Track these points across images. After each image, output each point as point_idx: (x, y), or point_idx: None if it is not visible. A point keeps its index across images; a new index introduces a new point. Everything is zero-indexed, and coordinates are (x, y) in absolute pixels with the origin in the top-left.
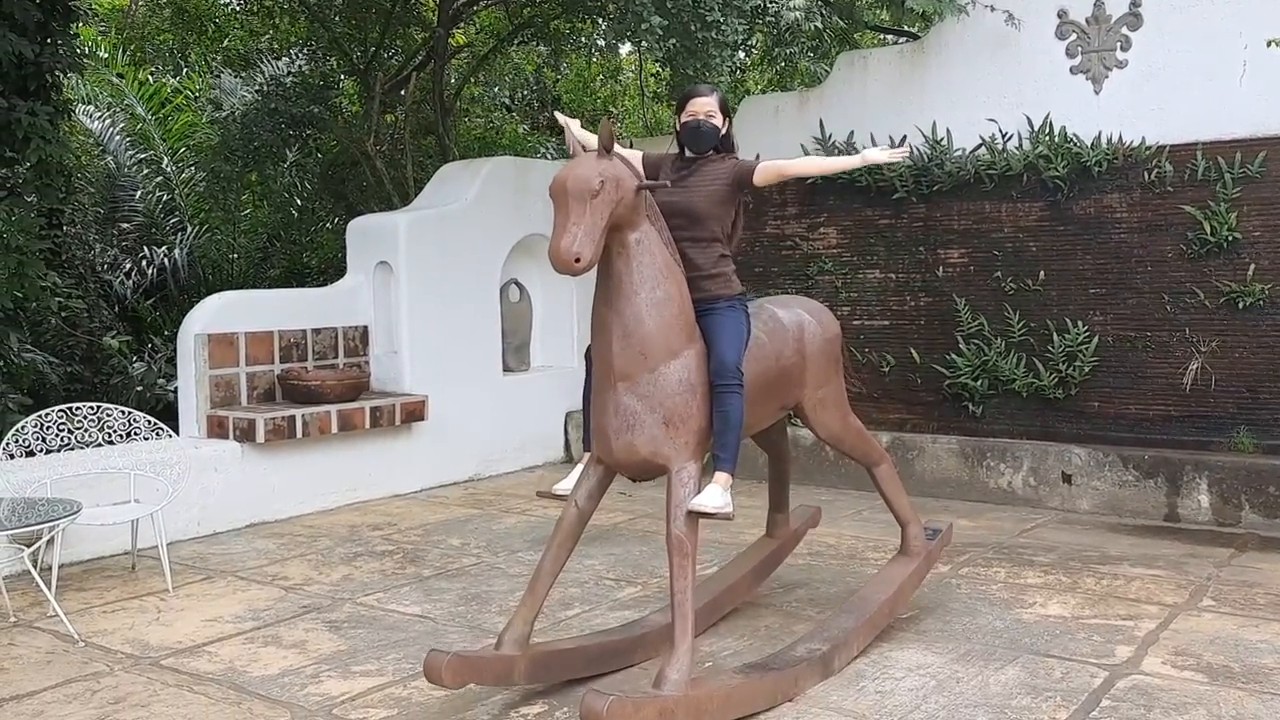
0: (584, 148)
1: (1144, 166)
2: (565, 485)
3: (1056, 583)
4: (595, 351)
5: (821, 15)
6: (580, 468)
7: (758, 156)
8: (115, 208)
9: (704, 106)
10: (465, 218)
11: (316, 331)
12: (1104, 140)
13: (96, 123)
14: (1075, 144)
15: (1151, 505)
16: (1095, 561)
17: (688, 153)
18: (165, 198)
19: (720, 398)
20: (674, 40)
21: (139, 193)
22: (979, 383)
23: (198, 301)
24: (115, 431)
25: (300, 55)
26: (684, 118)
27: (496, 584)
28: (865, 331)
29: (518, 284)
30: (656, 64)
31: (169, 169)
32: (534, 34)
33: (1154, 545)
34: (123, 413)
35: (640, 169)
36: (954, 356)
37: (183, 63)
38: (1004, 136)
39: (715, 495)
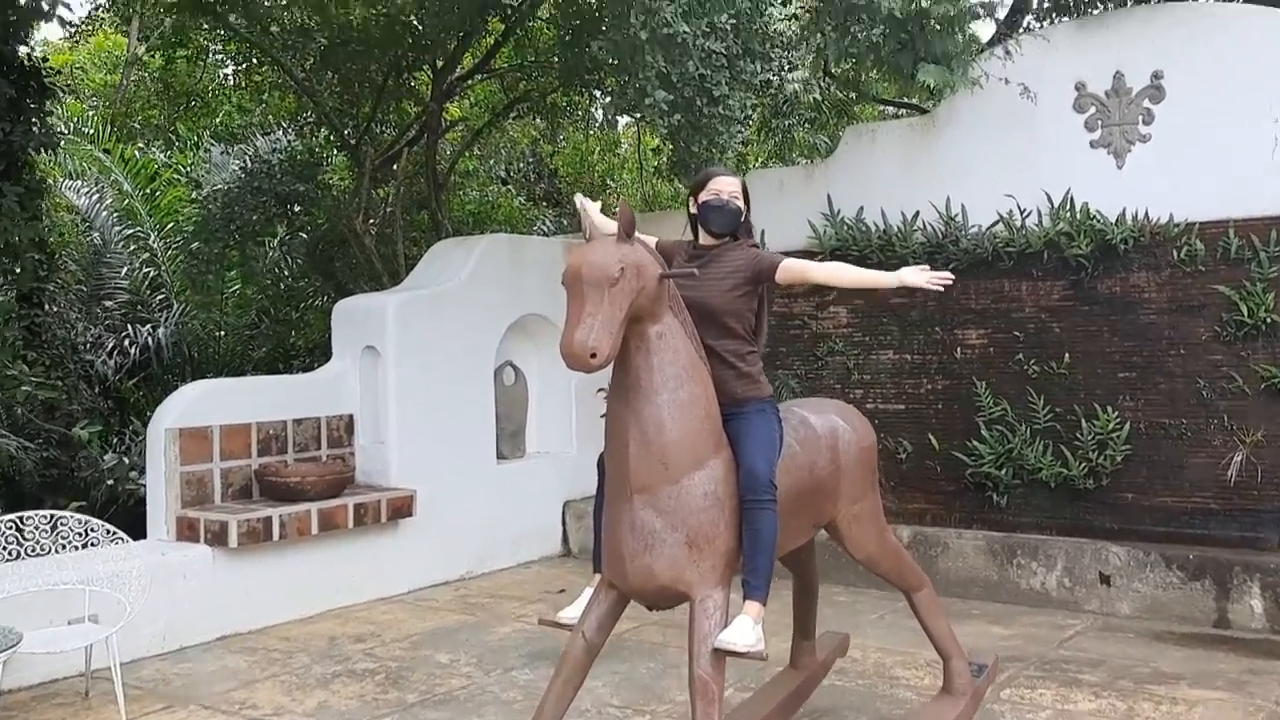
0: (593, 234)
1: (1172, 244)
2: (571, 613)
3: (1111, 709)
4: (609, 459)
5: (820, 87)
6: (589, 592)
7: (762, 234)
8: (100, 285)
9: (728, 186)
10: (458, 298)
11: (298, 422)
12: (1129, 217)
13: (83, 198)
14: (1099, 220)
15: (1199, 610)
16: (1148, 680)
17: (702, 238)
18: (152, 274)
19: (751, 515)
20: (679, 116)
21: (125, 269)
22: (1003, 472)
23: (182, 381)
24: (71, 542)
25: (290, 130)
26: (704, 195)
27: (488, 713)
28: (880, 416)
29: (513, 366)
30: (659, 139)
31: (156, 245)
32: (530, 107)
33: (1209, 659)
34: (79, 521)
35: (659, 257)
36: (975, 443)
37: (174, 137)
38: (1022, 212)
39: (746, 630)
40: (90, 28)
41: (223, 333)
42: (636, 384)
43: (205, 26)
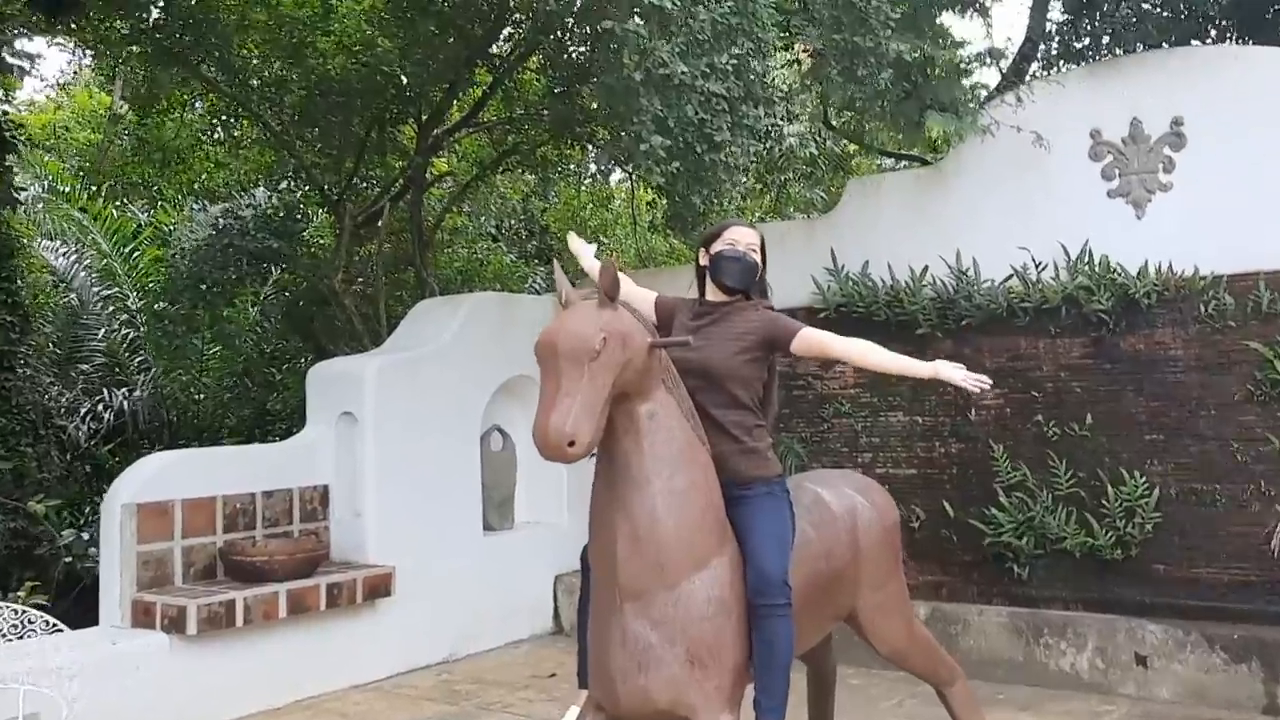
0: (569, 298)
1: (1199, 298)
2: None
3: None
4: (594, 557)
5: (817, 141)
6: (575, 712)
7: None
8: (77, 347)
9: (745, 238)
10: (442, 360)
11: (268, 494)
12: (1151, 269)
13: (60, 259)
14: (1119, 274)
15: (1246, 695)
16: None
17: (710, 294)
18: (131, 335)
19: (763, 623)
20: (676, 163)
21: (102, 331)
22: (1024, 541)
23: (160, 447)
24: (4, 634)
25: (269, 186)
26: (719, 245)
27: None
28: (891, 482)
29: (501, 431)
30: (653, 190)
31: (134, 306)
32: (519, 161)
33: None
34: (15, 611)
35: (650, 316)
36: (994, 511)
37: (159, 196)
38: (1037, 265)
39: None
40: (73, 85)
41: (201, 396)
42: (625, 471)
43: (180, 79)
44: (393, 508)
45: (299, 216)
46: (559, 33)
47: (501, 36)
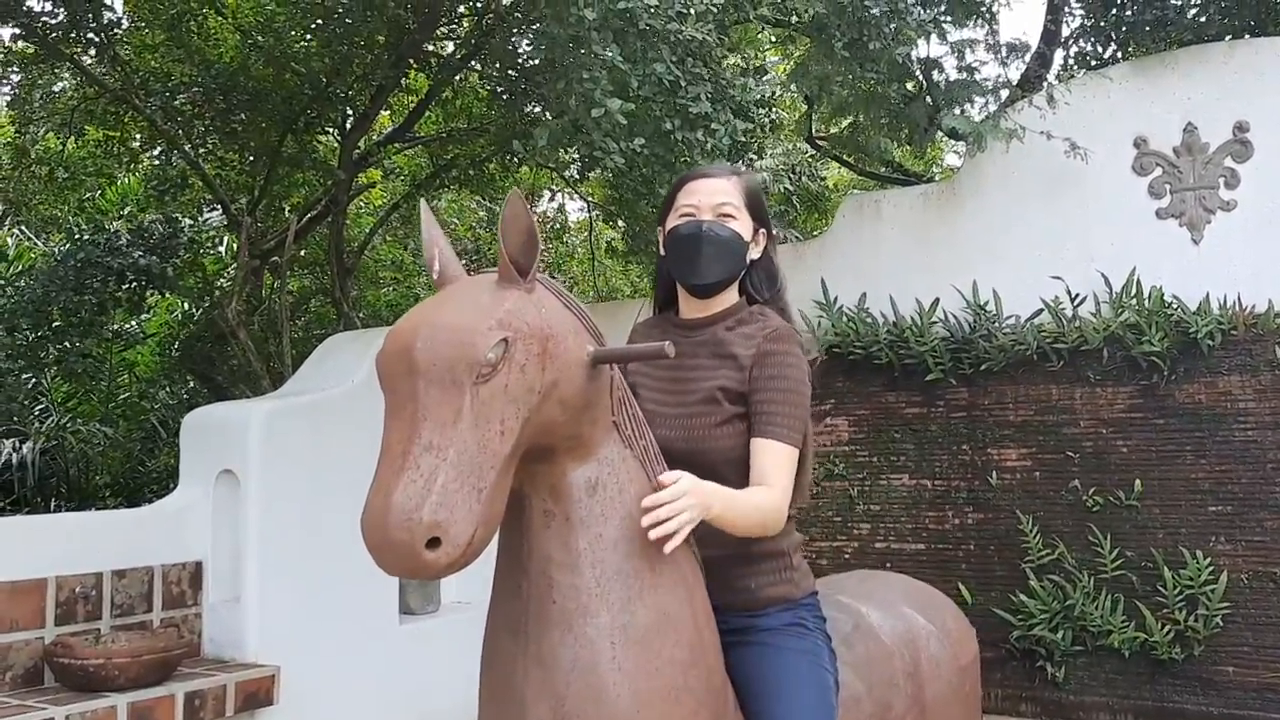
0: (444, 270)
1: (1275, 339)
2: None
3: None
4: None
5: (789, 177)
6: None
7: None
8: None
9: (713, 196)
10: (349, 406)
11: (120, 575)
12: (1214, 304)
13: None
14: (1175, 308)
15: None
16: None
17: (684, 305)
18: (32, 381)
19: None
20: (640, 141)
21: None
22: (1060, 635)
23: (61, 505)
24: None
25: (169, 201)
26: (672, 219)
27: None
28: (894, 558)
29: None
30: (609, 184)
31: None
32: (457, 178)
33: None
34: None
35: (591, 323)
36: (1022, 597)
37: (54, 221)
38: (1073, 299)
39: None
40: None
41: (111, 448)
42: (542, 598)
43: (64, 80)
44: (281, 590)
45: (184, 232)
46: (506, 30)
47: (441, 33)
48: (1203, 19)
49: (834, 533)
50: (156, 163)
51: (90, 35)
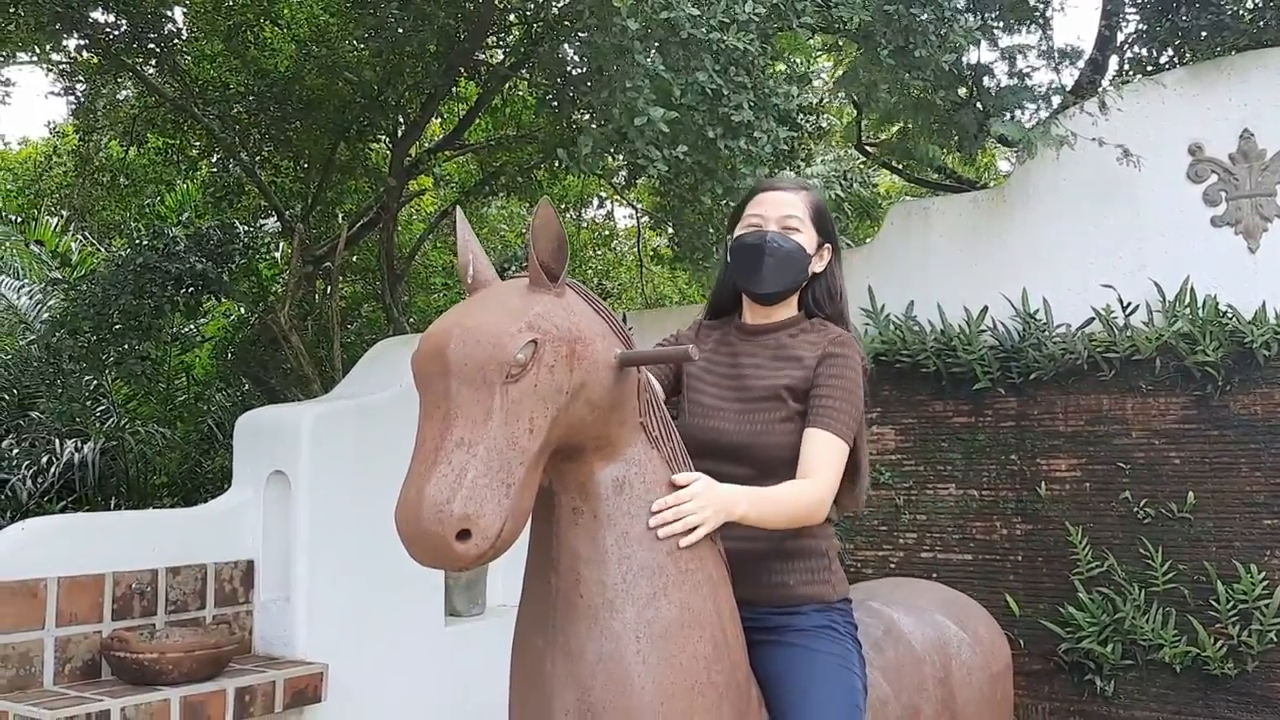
0: (478, 275)
1: None
2: None
3: None
4: None
5: (840, 184)
6: None
7: None
8: (31, 393)
9: (777, 207)
10: (397, 409)
11: (174, 572)
12: (1271, 313)
13: (24, 298)
14: (1230, 318)
15: None
16: None
17: (745, 315)
18: (94, 383)
19: None
20: (683, 148)
21: (61, 380)
22: (1109, 649)
23: (120, 504)
24: None
25: (228, 210)
26: (739, 228)
27: None
28: (940, 568)
29: None
30: (655, 191)
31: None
32: (505, 184)
33: None
34: None
35: (619, 327)
36: (1071, 609)
37: (118, 227)
38: (1125, 308)
39: None
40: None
41: (171, 450)
42: (569, 592)
43: (126, 89)
44: (330, 589)
45: (239, 238)
46: (555, 38)
47: (490, 42)
48: (1260, 24)
49: (879, 542)
50: (214, 170)
51: (151, 46)
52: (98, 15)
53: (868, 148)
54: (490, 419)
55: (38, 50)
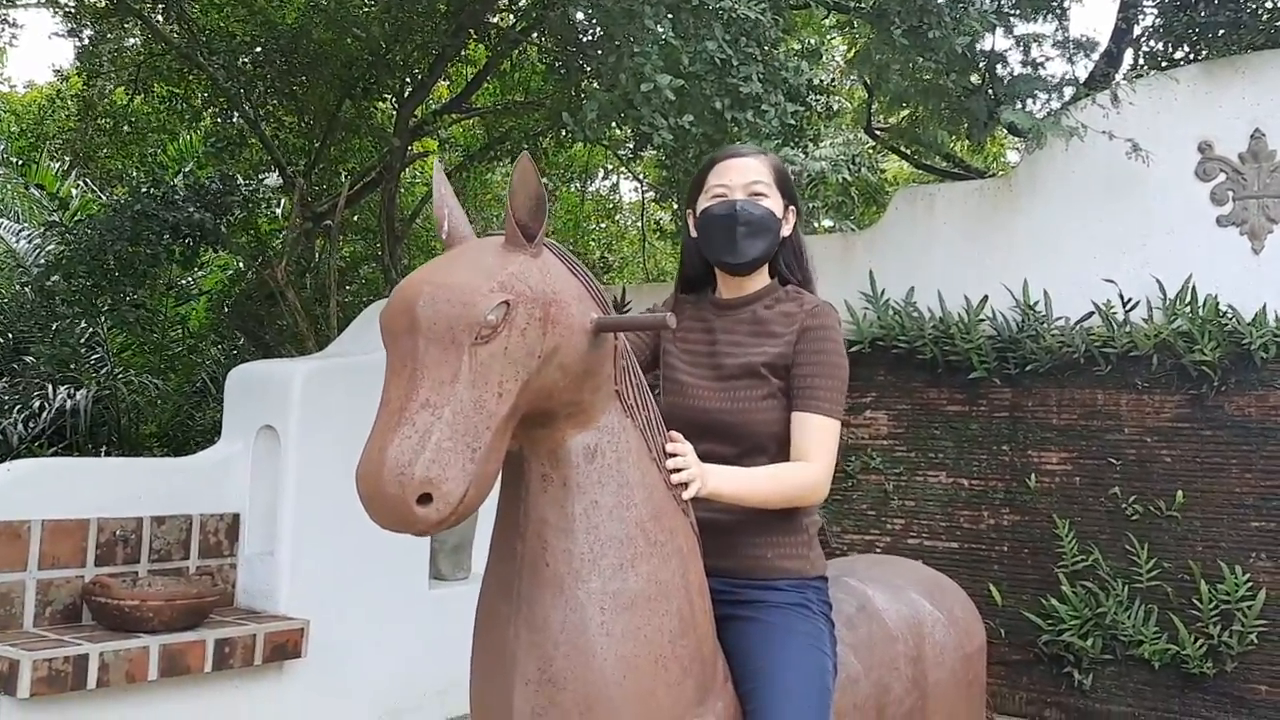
0: (453, 231)
1: None
2: None
3: None
4: (479, 713)
5: (848, 167)
6: None
7: None
8: (25, 337)
9: (745, 175)
10: None
11: (159, 521)
12: (1271, 316)
13: (23, 242)
14: (1229, 318)
15: None
16: None
17: (720, 289)
18: (89, 330)
19: None
20: (689, 118)
21: (55, 323)
22: (1089, 642)
23: (110, 452)
24: None
25: (230, 162)
26: (703, 200)
27: None
28: (926, 555)
29: None
30: (658, 160)
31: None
32: (510, 149)
33: None
34: None
35: (597, 291)
36: (1053, 601)
37: (119, 173)
38: (1125, 303)
39: None
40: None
41: (161, 400)
42: (534, 561)
43: (133, 36)
44: (314, 545)
45: (239, 190)
46: (565, 2)
47: (501, 4)
48: (1278, 23)
49: (867, 526)
50: (217, 121)
51: None
52: None
53: (877, 131)
54: (457, 381)
55: None
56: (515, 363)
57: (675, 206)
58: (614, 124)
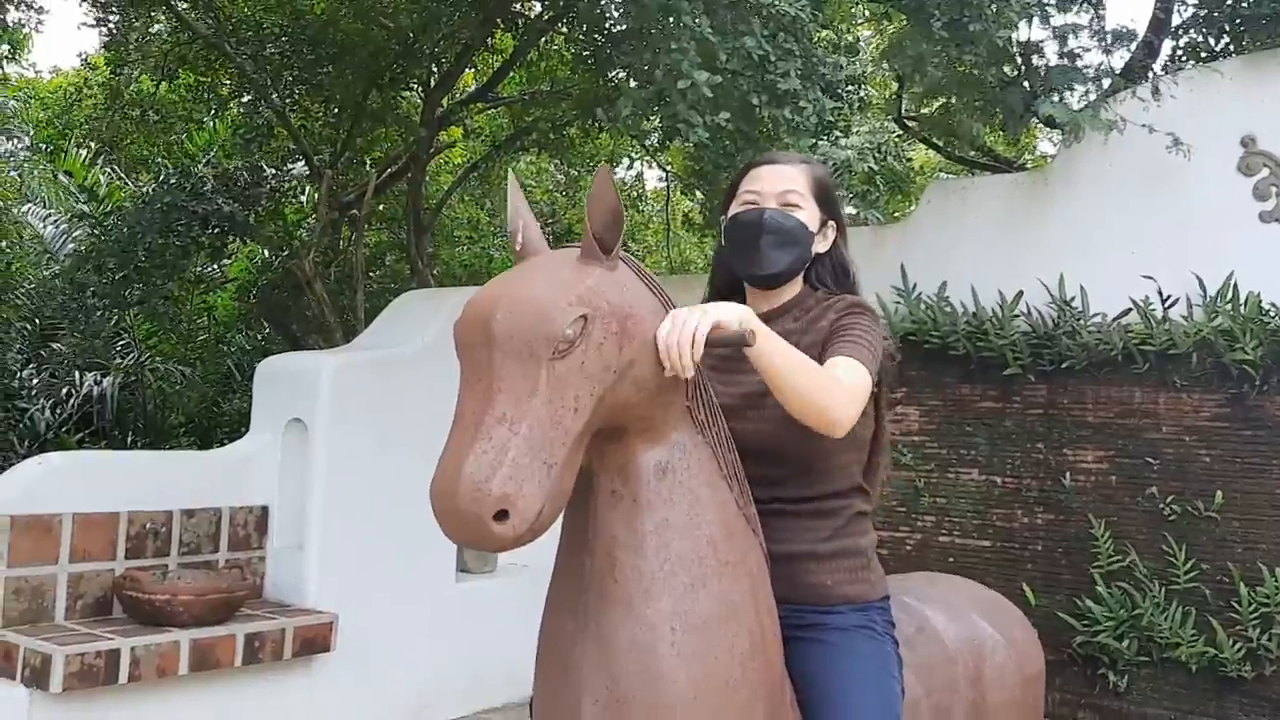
0: (527, 242)
1: None
2: None
3: None
4: None
5: (874, 156)
6: None
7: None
8: (54, 324)
9: (778, 183)
10: (418, 362)
11: (189, 514)
12: None
13: (50, 227)
14: (1272, 316)
15: None
16: None
17: (751, 297)
18: (116, 317)
19: None
20: (725, 115)
21: (86, 316)
22: (1125, 644)
23: (137, 440)
24: None
25: (253, 154)
26: (734, 206)
27: None
28: (958, 554)
29: None
30: (690, 158)
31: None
32: (536, 141)
33: None
34: None
35: (672, 305)
36: (1088, 602)
37: (144, 161)
38: (1164, 300)
39: None
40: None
41: (191, 390)
42: (603, 578)
43: (160, 23)
44: (343, 539)
45: (266, 181)
46: None
47: None
48: None
49: (897, 523)
50: (244, 111)
51: None
52: None
53: (908, 121)
54: (534, 395)
55: None
56: (591, 378)
57: (701, 196)
58: (647, 118)
